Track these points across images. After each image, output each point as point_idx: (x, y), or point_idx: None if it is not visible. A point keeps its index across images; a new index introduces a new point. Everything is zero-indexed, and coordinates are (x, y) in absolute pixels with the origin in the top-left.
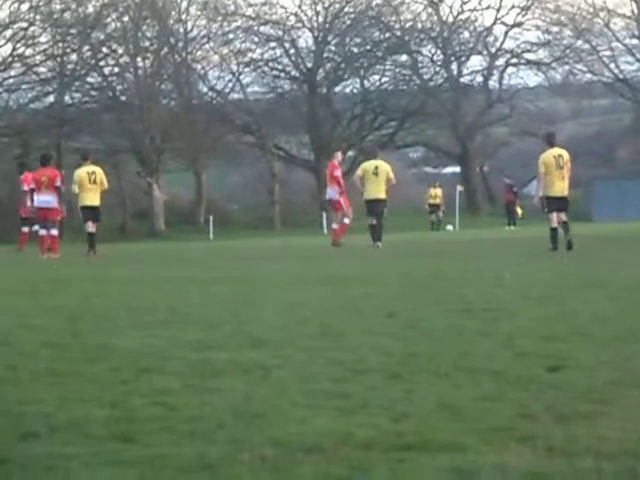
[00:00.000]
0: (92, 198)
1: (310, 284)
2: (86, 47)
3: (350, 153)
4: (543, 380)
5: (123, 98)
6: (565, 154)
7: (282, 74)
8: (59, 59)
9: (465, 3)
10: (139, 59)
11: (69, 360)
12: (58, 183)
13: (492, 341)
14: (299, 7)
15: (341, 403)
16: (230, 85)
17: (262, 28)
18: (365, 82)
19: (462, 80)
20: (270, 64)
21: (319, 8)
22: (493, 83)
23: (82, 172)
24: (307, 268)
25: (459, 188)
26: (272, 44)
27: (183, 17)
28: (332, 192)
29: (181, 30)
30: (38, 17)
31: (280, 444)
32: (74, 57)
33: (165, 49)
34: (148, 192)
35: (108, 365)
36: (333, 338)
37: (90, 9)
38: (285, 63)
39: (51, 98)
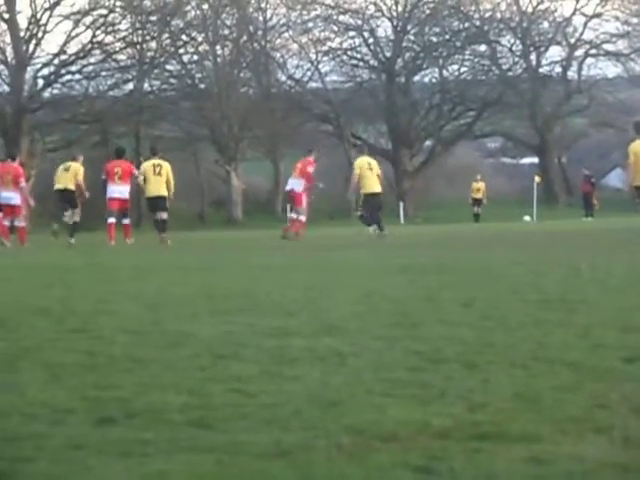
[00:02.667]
0: (157, 189)
1: (386, 273)
2: (165, 35)
3: (428, 143)
4: (620, 371)
5: (202, 86)
6: None
7: (361, 63)
8: (139, 46)
9: None
10: (218, 47)
11: (147, 346)
12: (135, 172)
13: (569, 332)
14: None
15: (417, 392)
16: (309, 74)
17: (341, 17)
18: (444, 72)
19: (541, 70)
20: (349, 53)
21: None
22: (572, 74)
23: (148, 164)
24: (383, 257)
25: (537, 179)
26: (351, 33)
27: (263, 5)
28: (297, 184)
29: (260, 18)
30: (118, 4)
31: (356, 432)
32: (154, 44)
33: (244, 37)
34: (226, 180)
35: (186, 352)
36: (409, 327)
37: None
38: (364, 52)
39: (130, 85)
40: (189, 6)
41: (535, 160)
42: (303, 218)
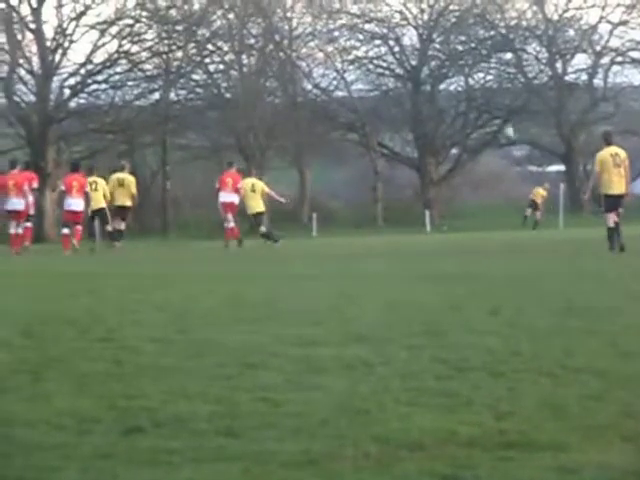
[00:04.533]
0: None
1: (412, 281)
2: (192, 44)
3: (454, 151)
4: None
5: (228, 95)
6: (622, 152)
7: (386, 72)
8: (165, 56)
9: (570, 1)
10: (244, 56)
11: (174, 355)
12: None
13: (596, 340)
14: (404, 5)
15: (444, 401)
16: (335, 83)
17: (367, 26)
18: (469, 80)
19: (567, 78)
20: (375, 62)
21: (424, 6)
22: (598, 81)
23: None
24: (409, 266)
25: (562, 187)
26: (377, 42)
27: (288, 14)
28: (234, 197)
29: (286, 27)
30: (144, 14)
31: (383, 441)
32: (180, 54)
33: (270, 46)
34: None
35: (213, 361)
36: (436, 336)
37: (196, 6)
38: (389, 61)
39: (156, 95)
40: (215, 16)
41: (561, 168)
42: (232, 224)
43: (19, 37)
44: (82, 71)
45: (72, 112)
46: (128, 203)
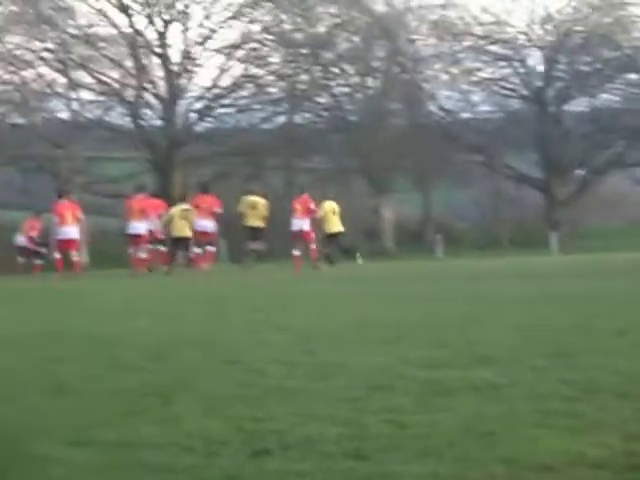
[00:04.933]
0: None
1: (538, 302)
2: (317, 67)
3: (579, 172)
4: None
5: (352, 118)
6: None
7: (511, 93)
8: (290, 79)
9: None
10: (369, 79)
11: (300, 377)
12: (217, 209)
13: None
14: (529, 26)
15: (572, 422)
16: (459, 104)
17: (491, 47)
18: (595, 101)
19: None
20: (499, 83)
21: (549, 27)
22: None
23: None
24: (534, 287)
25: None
26: (501, 63)
27: (413, 37)
28: (303, 223)
29: (411, 50)
30: (269, 37)
31: (511, 462)
32: (305, 77)
33: (395, 69)
34: (377, 211)
35: (340, 383)
36: (562, 357)
37: (321, 29)
38: (514, 82)
39: (282, 118)
40: (340, 38)
41: None
42: (298, 253)
43: (145, 61)
44: (208, 95)
45: (198, 136)
46: (259, 224)
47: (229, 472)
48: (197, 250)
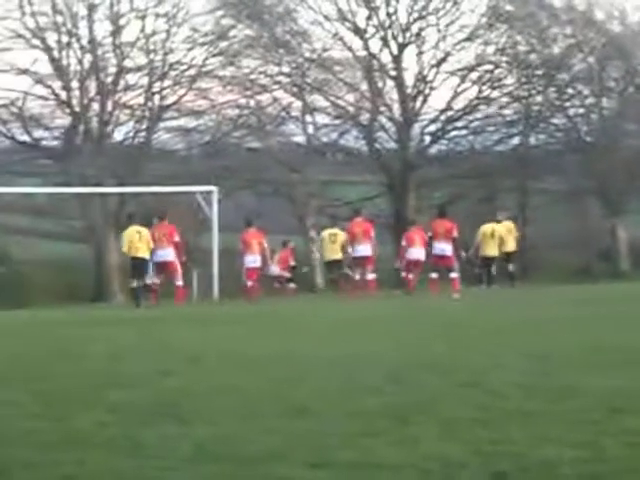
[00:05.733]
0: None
1: None
2: (551, 88)
3: None
4: None
5: (588, 139)
6: None
7: None
8: (524, 101)
9: None
10: (604, 99)
11: (539, 399)
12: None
13: None
14: None
15: None
16: None
17: None
18: None
19: None
20: None
21: None
22: None
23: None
24: None
25: None
26: None
27: None
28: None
29: None
30: (504, 59)
31: None
32: (539, 99)
33: (630, 89)
34: (612, 232)
35: (578, 404)
36: None
37: (556, 50)
38: None
39: (515, 140)
40: (575, 59)
41: None
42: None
43: (380, 84)
44: (442, 117)
45: (432, 158)
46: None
47: None
48: (434, 275)
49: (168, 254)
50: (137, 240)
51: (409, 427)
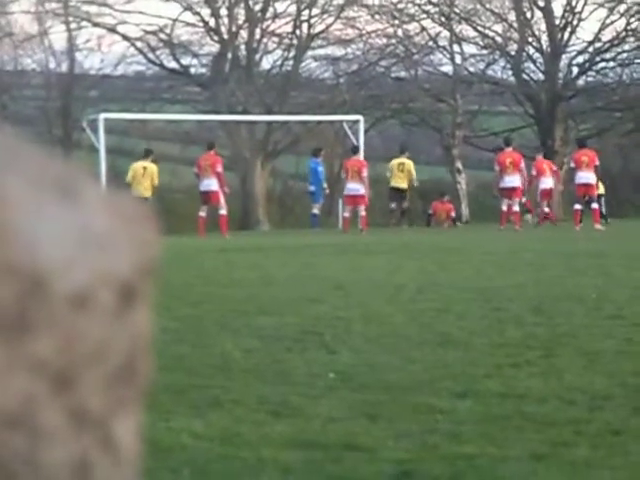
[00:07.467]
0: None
1: None
2: None
3: None
4: None
5: None
6: None
7: None
8: None
9: None
10: None
11: None
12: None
13: None
14: None
15: None
16: None
17: None
18: None
19: None
20: None
21: None
22: None
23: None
24: None
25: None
26: None
27: None
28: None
29: None
30: None
31: None
32: None
33: None
34: None
35: None
36: None
37: None
38: None
39: None
40: None
41: None
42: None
43: (528, 15)
44: (590, 49)
45: (580, 90)
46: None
47: (612, 426)
48: (578, 206)
49: (212, 184)
50: (141, 175)
51: (553, 358)
